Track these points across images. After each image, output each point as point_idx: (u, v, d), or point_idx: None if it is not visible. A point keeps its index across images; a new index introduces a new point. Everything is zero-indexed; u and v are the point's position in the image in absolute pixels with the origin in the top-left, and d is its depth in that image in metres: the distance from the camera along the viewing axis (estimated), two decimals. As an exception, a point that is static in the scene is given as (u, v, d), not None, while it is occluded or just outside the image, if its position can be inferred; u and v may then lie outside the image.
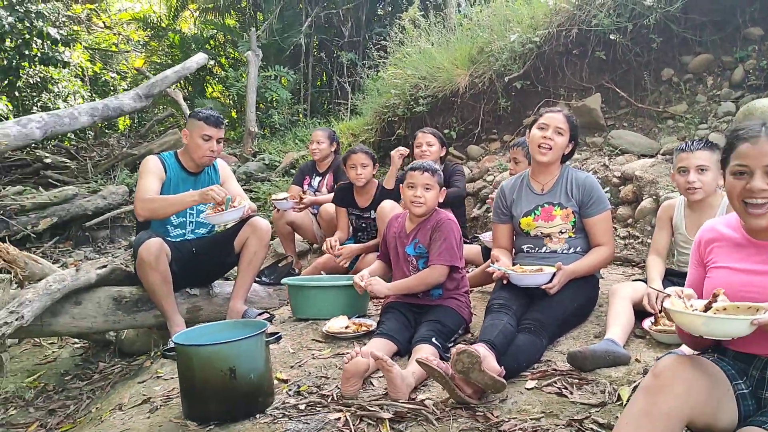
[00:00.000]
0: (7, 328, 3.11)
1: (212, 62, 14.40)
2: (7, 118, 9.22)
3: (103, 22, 16.77)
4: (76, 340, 4.70)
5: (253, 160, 8.71)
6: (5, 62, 9.98)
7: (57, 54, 10.27)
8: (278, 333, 2.80)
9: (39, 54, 9.98)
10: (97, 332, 3.89)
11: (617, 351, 2.72)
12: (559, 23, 5.39)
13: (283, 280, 3.91)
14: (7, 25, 9.24)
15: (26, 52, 9.84)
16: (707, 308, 1.75)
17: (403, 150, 4.54)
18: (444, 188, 3.35)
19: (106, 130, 13.34)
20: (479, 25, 6.13)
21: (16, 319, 3.16)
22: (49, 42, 10.00)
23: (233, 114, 12.32)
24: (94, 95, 13.27)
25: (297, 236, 5.44)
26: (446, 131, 6.16)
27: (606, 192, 4.72)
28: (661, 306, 2.19)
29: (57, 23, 11.94)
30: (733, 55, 5.03)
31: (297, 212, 5.09)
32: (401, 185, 3.35)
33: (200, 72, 14.23)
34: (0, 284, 3.32)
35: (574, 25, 5.27)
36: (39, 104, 11.38)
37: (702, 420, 1.69)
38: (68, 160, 10.47)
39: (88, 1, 15.46)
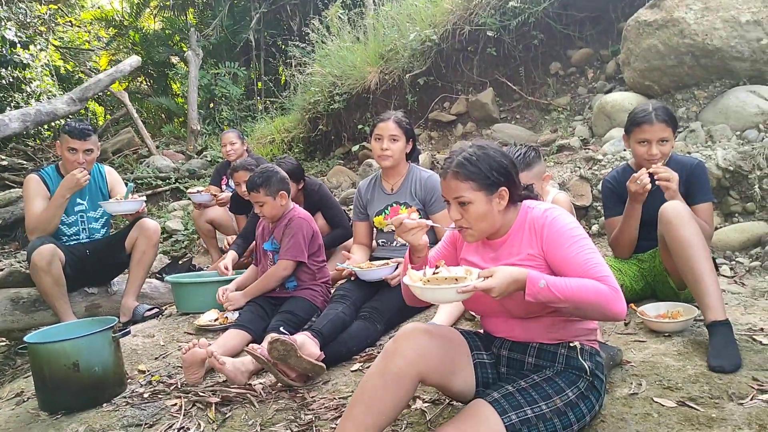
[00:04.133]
0: None
1: (176, 59, 14.59)
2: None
3: (70, 21, 16.90)
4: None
5: (196, 158, 8.94)
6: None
7: (15, 56, 10.40)
8: (127, 329, 3.09)
9: (-3, 57, 10.13)
10: (-3, 332, 4.18)
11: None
12: (454, 22, 5.62)
13: (166, 278, 4.19)
14: (-38, 30, 9.43)
15: (-17, 56, 9.99)
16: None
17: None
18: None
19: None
20: (388, 24, 6.35)
21: None
22: (7, 45, 10.14)
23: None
24: (65, 93, 13.36)
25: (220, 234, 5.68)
26: (360, 126, 6.43)
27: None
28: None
29: (24, 24, 12.03)
30: (609, 49, 5.29)
31: (211, 206, 5.27)
32: None
33: (163, 69, 14.45)
34: None
35: (466, 23, 5.51)
36: (12, 104, 11.50)
37: (435, 378, 1.98)
38: (25, 162, 10.73)
39: (52, 2, 15.61)
